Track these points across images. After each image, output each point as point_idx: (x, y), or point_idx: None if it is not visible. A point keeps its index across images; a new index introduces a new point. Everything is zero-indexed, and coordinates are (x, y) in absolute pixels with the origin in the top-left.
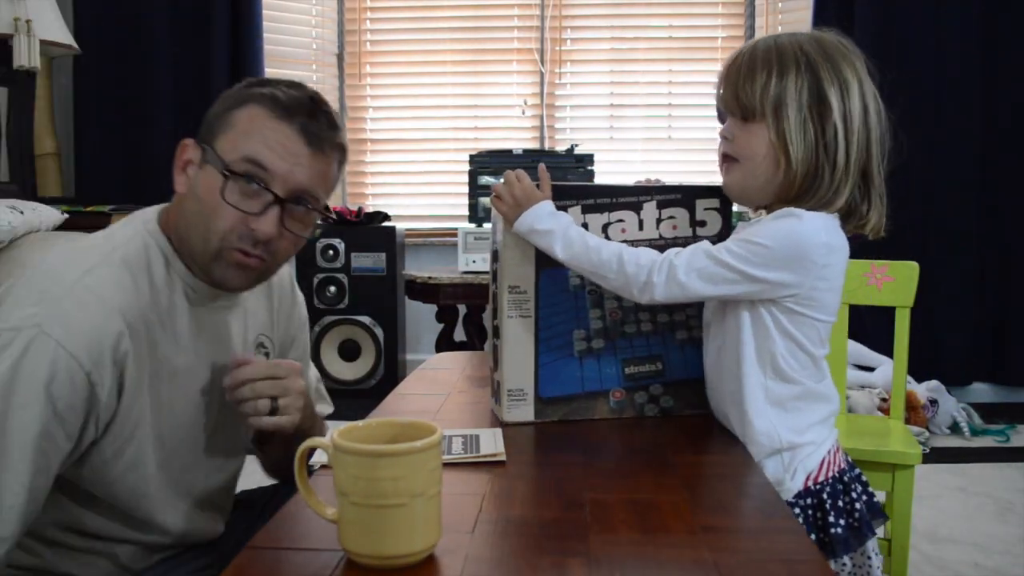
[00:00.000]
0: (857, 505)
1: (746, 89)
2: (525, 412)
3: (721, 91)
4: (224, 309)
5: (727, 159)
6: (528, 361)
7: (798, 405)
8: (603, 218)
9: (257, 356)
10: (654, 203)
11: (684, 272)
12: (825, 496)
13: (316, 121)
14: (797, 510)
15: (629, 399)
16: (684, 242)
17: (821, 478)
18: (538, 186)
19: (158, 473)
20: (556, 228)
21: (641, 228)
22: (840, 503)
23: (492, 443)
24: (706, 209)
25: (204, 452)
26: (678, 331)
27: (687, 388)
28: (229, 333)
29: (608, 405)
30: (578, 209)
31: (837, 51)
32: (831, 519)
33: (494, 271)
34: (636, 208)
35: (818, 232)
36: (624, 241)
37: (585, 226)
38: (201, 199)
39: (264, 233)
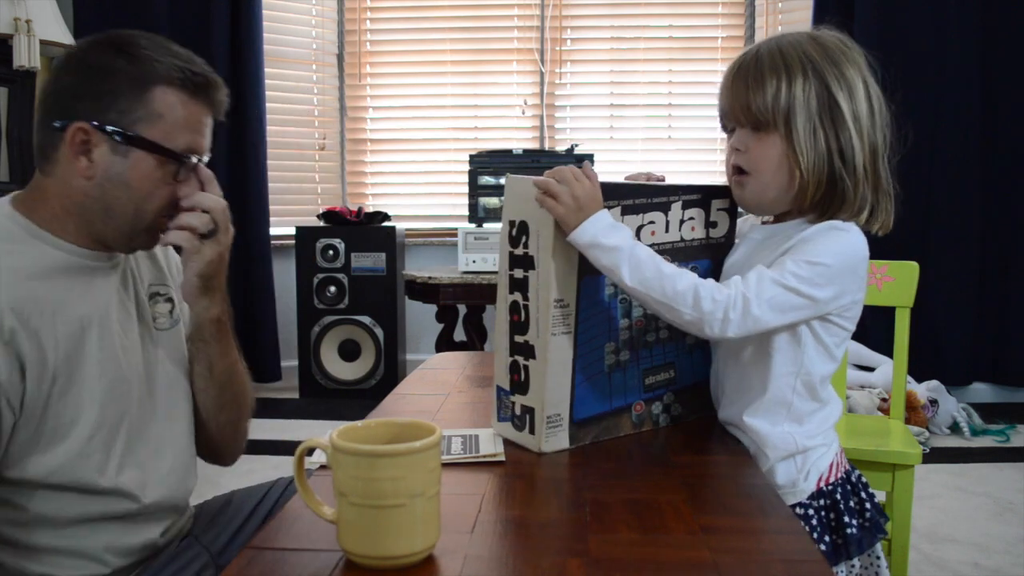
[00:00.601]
0: (867, 505)
1: (757, 100)
2: (561, 439)
3: (728, 101)
4: (108, 269)
5: (739, 172)
6: (567, 383)
7: (813, 417)
8: (638, 220)
9: (159, 305)
10: (680, 203)
11: (757, 305)
12: (838, 496)
13: (219, 93)
14: (811, 511)
15: (647, 411)
16: (699, 243)
17: (832, 479)
18: None
19: (100, 433)
20: (623, 245)
21: (667, 230)
22: (852, 503)
23: (491, 443)
24: (718, 210)
25: (143, 407)
26: (688, 335)
27: (693, 393)
28: (120, 288)
29: (631, 420)
30: (618, 211)
31: (839, 51)
32: (845, 519)
33: (515, 279)
34: (665, 209)
35: (863, 245)
36: (654, 244)
37: None
38: (132, 185)
39: (194, 200)
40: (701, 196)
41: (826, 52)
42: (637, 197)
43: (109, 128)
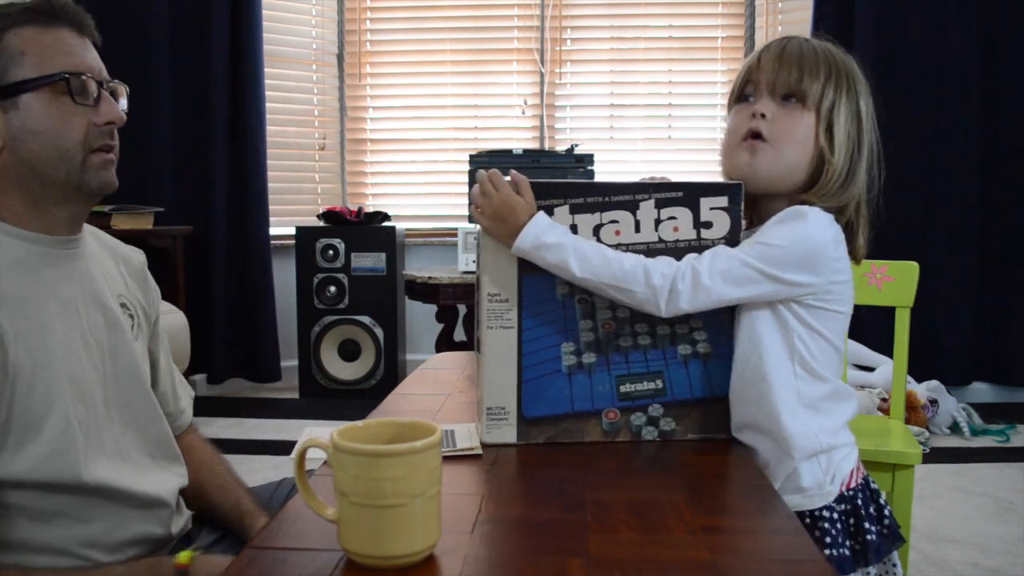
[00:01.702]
0: (886, 511)
1: (808, 79)
2: (506, 433)
3: (772, 70)
4: (73, 259)
5: (756, 137)
6: (510, 377)
7: (828, 405)
8: (594, 219)
9: (123, 316)
10: (652, 202)
11: (708, 276)
12: (859, 502)
13: (72, 12)
14: (835, 515)
15: (624, 420)
16: (687, 245)
17: (853, 484)
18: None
19: (72, 428)
20: (566, 240)
21: (638, 230)
22: (871, 509)
23: (468, 437)
24: (712, 209)
25: (112, 402)
26: (680, 345)
27: (692, 409)
28: (93, 282)
29: (600, 427)
30: (566, 209)
31: (862, 73)
32: (865, 525)
33: (478, 277)
34: (632, 208)
35: (825, 228)
36: (619, 245)
37: (574, 228)
38: (38, 131)
39: (117, 116)
40: (684, 194)
41: (858, 69)
42: (589, 195)
43: None
